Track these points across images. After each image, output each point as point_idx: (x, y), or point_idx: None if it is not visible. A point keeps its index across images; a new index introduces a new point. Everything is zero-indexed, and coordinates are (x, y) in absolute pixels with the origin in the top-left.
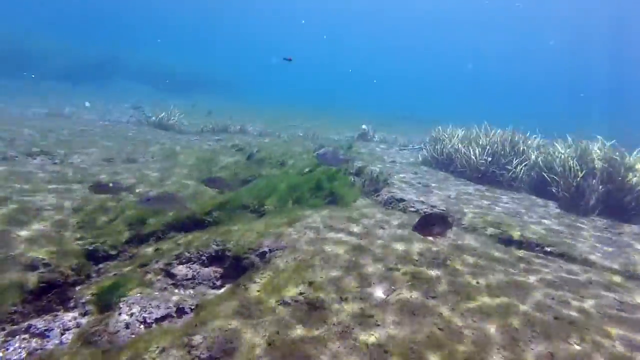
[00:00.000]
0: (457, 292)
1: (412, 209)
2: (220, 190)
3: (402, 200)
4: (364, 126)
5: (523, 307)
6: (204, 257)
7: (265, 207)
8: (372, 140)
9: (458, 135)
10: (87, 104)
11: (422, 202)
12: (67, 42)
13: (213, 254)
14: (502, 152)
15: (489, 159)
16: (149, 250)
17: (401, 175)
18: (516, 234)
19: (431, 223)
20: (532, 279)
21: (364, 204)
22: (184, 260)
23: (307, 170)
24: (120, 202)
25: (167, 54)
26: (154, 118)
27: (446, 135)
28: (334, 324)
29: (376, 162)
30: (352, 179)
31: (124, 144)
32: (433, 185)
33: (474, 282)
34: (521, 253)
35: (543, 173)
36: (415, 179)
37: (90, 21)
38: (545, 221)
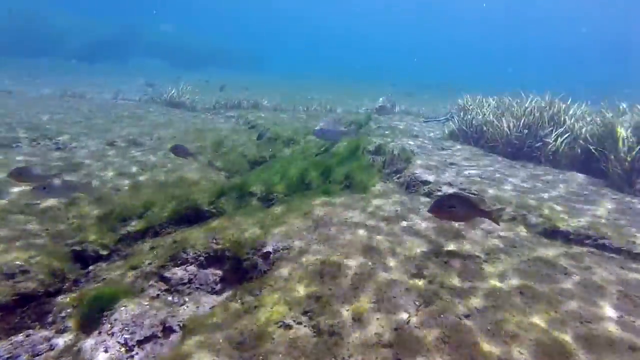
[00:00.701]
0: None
1: (439, 192)
2: (185, 157)
3: (426, 182)
4: (381, 99)
5: None
6: (201, 258)
7: (275, 194)
8: (393, 112)
9: (489, 104)
10: None
11: (450, 184)
12: (85, 17)
13: (212, 254)
14: (540, 123)
15: (525, 131)
16: (144, 248)
17: (426, 152)
18: (563, 224)
19: (449, 205)
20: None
21: (384, 189)
22: (179, 262)
23: (322, 149)
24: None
25: (185, 28)
26: (165, 96)
27: (475, 105)
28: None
29: (398, 138)
30: (371, 159)
31: (132, 125)
32: (462, 162)
33: None
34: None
35: (589, 146)
36: (442, 156)
37: None
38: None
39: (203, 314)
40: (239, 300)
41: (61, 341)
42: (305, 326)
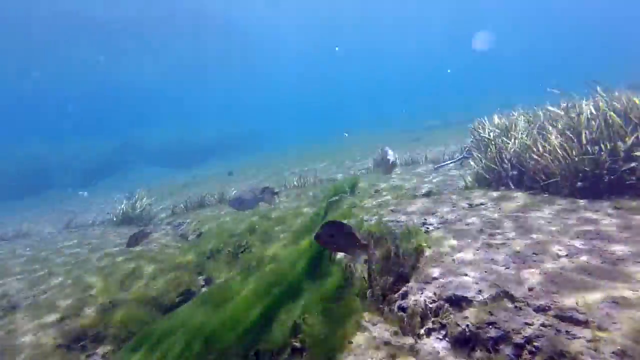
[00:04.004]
0: None
1: (502, 329)
2: None
3: (463, 301)
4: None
5: None
6: None
7: None
8: (395, 164)
9: (517, 125)
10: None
11: (514, 302)
12: (82, 145)
13: None
14: (612, 132)
15: (596, 148)
16: None
17: (447, 222)
18: None
19: (329, 234)
20: None
21: (371, 342)
22: None
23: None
24: None
25: (181, 128)
26: (119, 212)
27: (495, 130)
28: None
29: (400, 204)
30: (350, 268)
31: (36, 275)
32: (512, 232)
33: None
34: None
35: None
36: (474, 223)
37: (100, 115)
38: None
39: None
40: None
41: None
42: None
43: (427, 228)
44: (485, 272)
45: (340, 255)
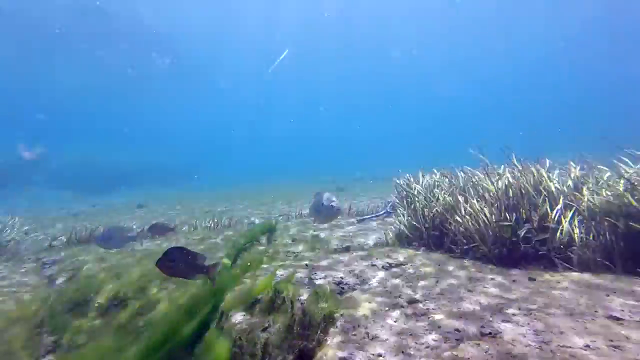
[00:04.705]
0: None
1: None
2: None
3: None
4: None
5: None
6: None
7: None
8: (339, 212)
9: (441, 184)
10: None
11: None
12: None
13: None
14: (524, 202)
15: (513, 216)
16: None
17: (365, 282)
18: None
19: (170, 259)
20: None
21: None
22: None
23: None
24: None
25: (99, 149)
26: None
27: (419, 189)
28: None
29: (316, 258)
30: (241, 341)
31: None
32: (439, 301)
33: None
34: None
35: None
36: (397, 287)
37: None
38: None
39: None
40: None
41: None
42: None
43: (342, 288)
44: (409, 352)
45: (234, 320)
